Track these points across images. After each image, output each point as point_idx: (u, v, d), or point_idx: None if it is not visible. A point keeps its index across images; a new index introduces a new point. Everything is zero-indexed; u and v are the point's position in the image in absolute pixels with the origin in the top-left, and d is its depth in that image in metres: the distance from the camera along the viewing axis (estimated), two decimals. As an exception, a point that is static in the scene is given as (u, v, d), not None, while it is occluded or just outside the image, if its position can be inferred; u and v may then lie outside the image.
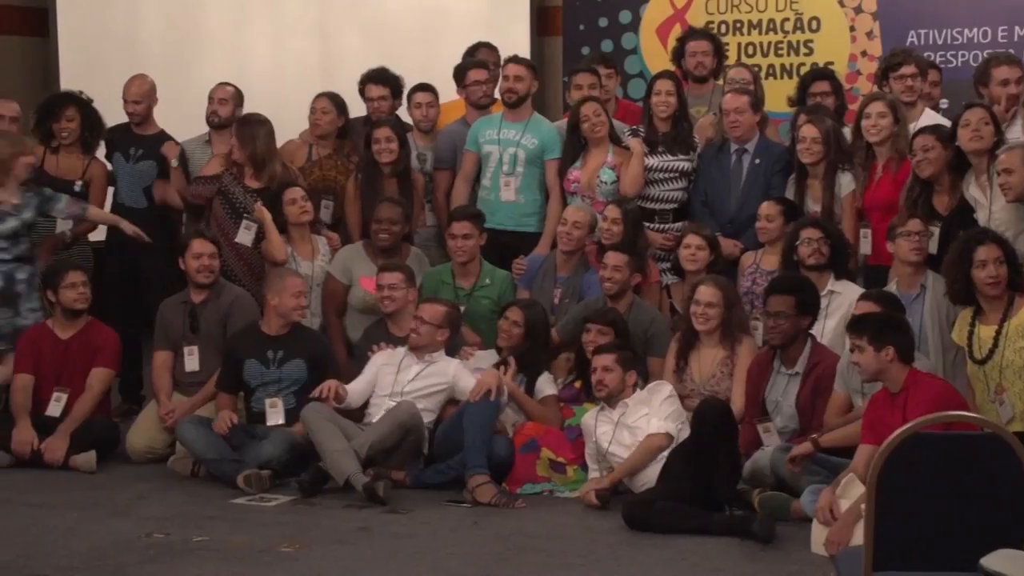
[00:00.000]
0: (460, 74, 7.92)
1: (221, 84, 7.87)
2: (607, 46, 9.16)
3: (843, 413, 5.82)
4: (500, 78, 7.64)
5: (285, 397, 6.57)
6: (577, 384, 6.62)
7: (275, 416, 6.54)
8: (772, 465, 5.78)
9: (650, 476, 5.91)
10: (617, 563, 5.18)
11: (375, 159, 7.42)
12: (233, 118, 7.59)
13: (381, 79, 7.88)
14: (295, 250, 7.23)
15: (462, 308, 6.93)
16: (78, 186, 7.57)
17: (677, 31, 8.61)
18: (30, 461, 6.61)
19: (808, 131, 6.79)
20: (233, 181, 7.30)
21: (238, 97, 7.82)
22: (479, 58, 8.07)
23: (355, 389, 6.49)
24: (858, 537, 4.65)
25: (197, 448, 6.41)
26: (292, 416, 6.45)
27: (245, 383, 6.64)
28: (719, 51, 7.76)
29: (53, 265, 7.13)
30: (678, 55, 7.77)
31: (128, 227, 7.32)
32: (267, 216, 7.12)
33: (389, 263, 6.97)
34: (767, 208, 6.85)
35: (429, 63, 8.40)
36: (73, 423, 6.70)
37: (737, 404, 6.22)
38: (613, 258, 6.72)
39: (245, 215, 7.24)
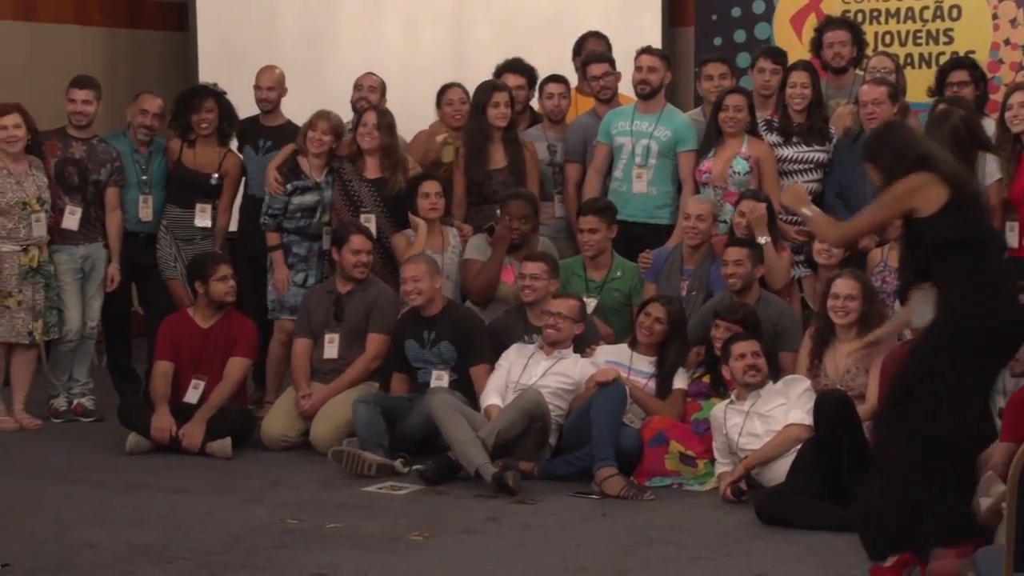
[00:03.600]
0: (580, 68, 7.91)
1: (368, 73, 7.98)
2: (740, 36, 9.05)
3: None
4: (635, 69, 7.57)
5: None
6: (705, 379, 6.57)
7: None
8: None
9: (779, 471, 5.84)
10: (747, 557, 5.12)
11: (486, 124, 7.41)
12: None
13: (518, 68, 7.90)
14: (426, 243, 7.29)
15: (595, 300, 6.94)
16: (214, 179, 7.70)
17: (812, 21, 8.47)
18: (168, 447, 6.75)
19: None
20: (352, 172, 7.38)
21: (383, 87, 7.93)
22: (596, 50, 8.01)
23: (491, 388, 6.54)
24: (998, 536, 4.55)
25: (357, 422, 6.51)
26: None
27: (407, 362, 6.83)
28: (859, 40, 7.58)
29: (202, 256, 7.29)
30: (816, 45, 7.63)
31: None
32: (423, 226, 7.17)
33: (534, 252, 7.01)
34: None
35: (560, 54, 8.38)
36: (210, 410, 6.82)
37: (872, 400, 6.11)
38: (734, 253, 6.66)
39: (363, 209, 7.32)
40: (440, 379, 6.71)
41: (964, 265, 4.65)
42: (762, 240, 6.78)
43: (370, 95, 7.84)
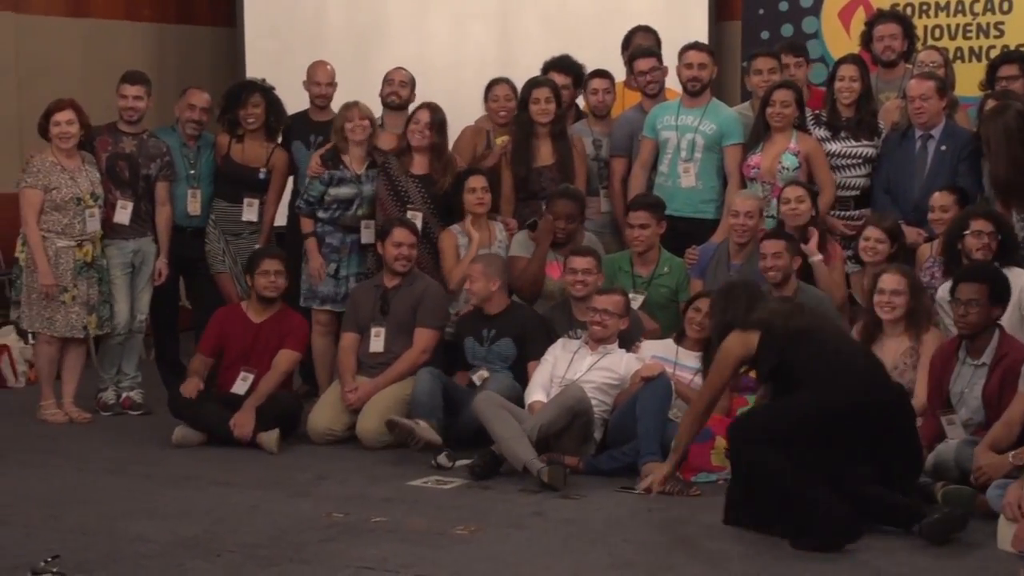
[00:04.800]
0: (628, 63, 7.90)
1: (398, 68, 7.97)
2: (787, 31, 9.01)
3: None
4: (683, 65, 7.52)
5: (494, 375, 6.75)
6: (751, 373, 6.53)
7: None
8: (956, 458, 5.62)
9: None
10: (795, 554, 5.09)
11: (530, 120, 7.42)
12: (409, 102, 7.71)
13: (564, 67, 7.88)
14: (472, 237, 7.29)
15: (642, 296, 6.93)
16: (263, 173, 7.75)
17: (860, 15, 8.43)
18: (218, 438, 6.78)
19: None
20: (398, 167, 7.39)
21: (413, 82, 7.93)
22: (644, 45, 7.98)
23: (536, 383, 6.55)
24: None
25: (418, 386, 6.59)
26: None
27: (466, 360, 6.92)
28: (909, 34, 7.54)
29: (258, 250, 7.34)
30: (866, 39, 7.59)
31: None
32: (476, 238, 7.21)
33: (582, 247, 7.00)
34: (940, 198, 6.67)
35: (606, 49, 8.37)
36: (258, 399, 6.85)
37: (920, 396, 6.06)
38: (771, 246, 6.63)
39: (409, 205, 7.33)
40: (481, 378, 6.76)
41: (804, 372, 5.32)
42: (815, 259, 6.77)
43: (400, 90, 7.83)
